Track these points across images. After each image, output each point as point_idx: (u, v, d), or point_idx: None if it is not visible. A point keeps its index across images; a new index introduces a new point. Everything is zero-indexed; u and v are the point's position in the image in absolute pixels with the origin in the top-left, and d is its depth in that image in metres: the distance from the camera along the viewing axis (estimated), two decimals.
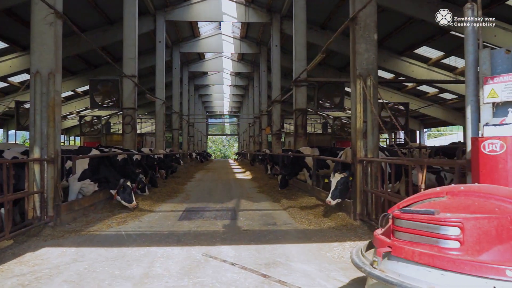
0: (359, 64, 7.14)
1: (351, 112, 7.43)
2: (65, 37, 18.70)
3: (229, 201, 10.51)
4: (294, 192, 11.58)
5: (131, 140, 12.89)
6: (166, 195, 11.36)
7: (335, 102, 13.71)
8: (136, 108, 13.07)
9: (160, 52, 19.71)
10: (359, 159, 6.89)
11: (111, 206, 9.09)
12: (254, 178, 17.93)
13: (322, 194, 9.37)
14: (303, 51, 13.33)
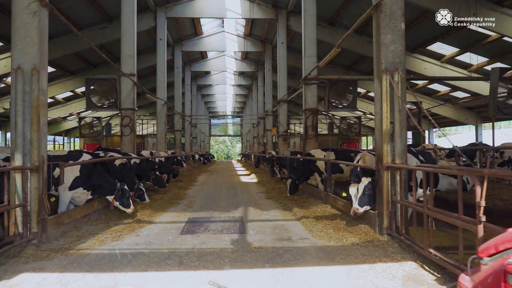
0: (384, 57, 6.29)
1: (375, 111, 6.58)
2: (62, 35, 18.07)
3: (236, 209, 9.67)
4: (305, 198, 10.73)
5: (130, 143, 12.07)
6: (168, 202, 10.52)
7: (348, 102, 12.85)
8: (135, 108, 12.26)
9: (161, 50, 18.88)
10: (386, 165, 6.02)
11: (106, 216, 8.27)
12: (260, 181, 17.09)
13: (338, 202, 8.52)
14: (313, 46, 12.48)
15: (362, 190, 6.47)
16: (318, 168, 11.27)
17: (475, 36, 15.60)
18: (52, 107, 29.53)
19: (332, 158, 8.77)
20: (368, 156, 7.74)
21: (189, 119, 31.75)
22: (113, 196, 8.15)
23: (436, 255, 4.47)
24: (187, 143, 31.39)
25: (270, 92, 25.83)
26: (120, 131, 12.20)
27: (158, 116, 18.56)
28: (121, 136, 12.13)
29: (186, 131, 31.42)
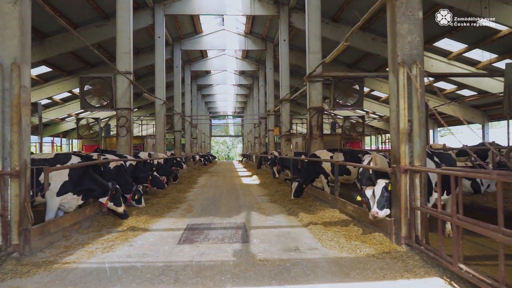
0: (400, 49, 5.71)
1: (390, 109, 6.00)
2: (57, 33, 17.54)
3: (238, 214, 9.10)
4: (311, 202, 10.16)
5: (126, 144, 11.50)
6: (166, 206, 9.96)
7: (354, 100, 12.27)
8: (131, 108, 11.69)
9: (160, 48, 18.32)
10: (404, 168, 5.44)
11: (99, 224, 7.71)
12: (263, 183, 16.52)
13: (348, 206, 7.95)
14: (318, 42, 11.90)
15: (379, 192, 5.91)
16: (324, 170, 10.71)
17: (485, 31, 15.03)
18: (50, 108, 29.06)
19: (340, 159, 8.21)
20: (379, 157, 7.17)
21: (189, 119, 31.17)
22: (107, 197, 7.62)
23: (469, 272, 3.89)
24: (187, 144, 30.84)
25: (272, 92, 25.26)
26: (116, 132, 11.64)
27: (157, 116, 18.00)
28: (117, 137, 11.57)
29: (186, 132, 30.88)
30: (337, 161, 8.20)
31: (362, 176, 7.25)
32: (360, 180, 7.36)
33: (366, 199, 6.25)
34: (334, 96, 12.13)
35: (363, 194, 6.33)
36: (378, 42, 18.32)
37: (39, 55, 17.50)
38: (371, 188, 6.33)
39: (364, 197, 6.30)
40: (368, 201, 6.21)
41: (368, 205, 6.21)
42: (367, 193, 6.28)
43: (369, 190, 6.31)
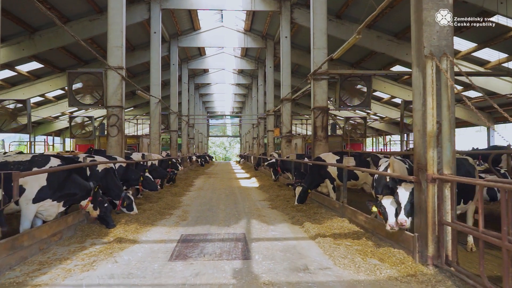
0: (427, 39, 4.96)
1: (414, 108, 5.25)
2: (47, 27, 16.67)
3: (237, 222, 8.33)
4: (315, 209, 9.40)
5: (117, 145, 10.71)
6: (158, 213, 9.17)
7: (361, 99, 11.53)
8: (123, 106, 10.90)
9: (156, 44, 17.51)
10: (433, 177, 4.69)
11: (83, 233, 6.93)
12: (262, 186, 15.75)
13: (358, 216, 7.20)
14: (323, 37, 11.14)
15: (406, 198, 5.17)
16: (329, 174, 9.96)
17: (496, 29, 14.32)
18: (42, 106, 28.20)
19: (352, 164, 7.45)
20: (398, 163, 6.43)
21: (186, 119, 30.36)
22: (88, 199, 6.87)
23: None
24: (183, 144, 30.04)
25: (272, 91, 24.49)
26: (106, 131, 10.85)
27: (151, 115, 17.19)
28: (107, 137, 10.78)
29: (183, 132, 30.09)
30: (347, 166, 7.44)
31: (378, 184, 6.50)
32: (375, 188, 6.61)
33: (383, 210, 5.50)
34: (339, 95, 11.38)
35: (380, 205, 5.59)
36: (383, 40, 17.60)
37: (28, 50, 16.67)
38: (389, 198, 5.59)
39: (381, 208, 5.56)
40: (385, 211, 5.46)
41: (385, 216, 5.47)
42: (385, 203, 5.55)
43: (386, 200, 5.57)
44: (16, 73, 20.14)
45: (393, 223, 5.24)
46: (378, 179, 6.61)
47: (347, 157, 7.48)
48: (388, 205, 5.47)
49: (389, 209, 5.39)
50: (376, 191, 6.62)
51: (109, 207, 7.42)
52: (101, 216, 7.22)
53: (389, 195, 5.68)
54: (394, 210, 5.33)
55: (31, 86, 22.25)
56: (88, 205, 6.88)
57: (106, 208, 7.29)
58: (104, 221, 7.24)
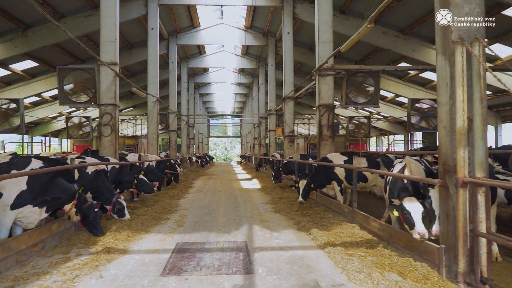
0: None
1: (439, 101, 4.62)
2: (41, 23, 16.06)
3: (238, 228, 7.70)
4: (322, 213, 8.79)
5: (110, 145, 10.09)
6: (154, 218, 8.55)
7: (368, 96, 10.90)
8: (117, 104, 10.27)
9: (153, 41, 16.88)
10: (464, 180, 4.06)
11: (69, 242, 6.33)
12: (264, 188, 15.11)
13: (371, 222, 6.56)
14: (329, 30, 10.51)
15: (436, 205, 4.56)
16: (337, 176, 9.33)
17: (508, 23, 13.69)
18: (39, 106, 27.66)
19: (363, 165, 6.81)
20: (414, 163, 5.81)
21: (186, 118, 29.73)
22: (73, 202, 6.26)
23: None
24: (183, 144, 29.42)
25: (273, 90, 23.86)
26: (99, 131, 10.23)
27: (149, 114, 16.55)
28: (99, 137, 10.16)
29: (182, 132, 29.47)
30: (359, 167, 6.80)
31: (394, 187, 5.86)
32: (390, 191, 5.98)
33: (407, 215, 4.87)
34: (346, 92, 10.76)
35: (402, 209, 4.95)
36: (390, 36, 16.96)
37: (21, 47, 16.06)
38: (412, 201, 4.96)
39: (404, 213, 4.92)
40: (411, 217, 4.83)
41: (410, 223, 4.84)
42: (409, 208, 4.91)
43: (411, 204, 4.93)
44: (10, 72, 19.57)
45: (423, 231, 4.60)
46: (393, 181, 5.97)
47: (358, 158, 6.84)
48: (414, 210, 4.84)
49: (415, 214, 4.76)
50: (391, 195, 5.98)
51: (99, 212, 6.80)
52: (90, 222, 6.60)
53: (411, 198, 5.05)
54: (421, 215, 4.70)
55: (26, 85, 21.67)
56: (72, 210, 6.26)
57: (96, 214, 6.68)
58: (92, 228, 6.61)
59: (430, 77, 22.00)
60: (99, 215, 6.78)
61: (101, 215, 6.97)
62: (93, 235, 6.59)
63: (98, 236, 6.57)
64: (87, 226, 6.63)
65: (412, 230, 4.79)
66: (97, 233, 6.57)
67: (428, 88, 23.13)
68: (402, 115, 29.20)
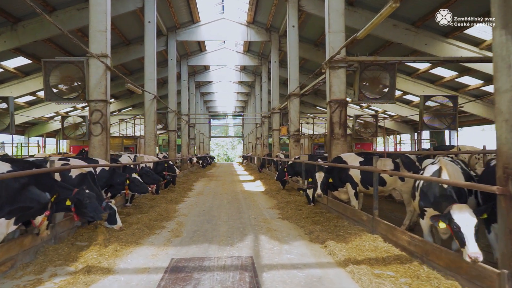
0: None
1: (497, 88, 3.68)
2: (31, 17, 15.14)
3: (242, 239, 6.77)
4: (335, 220, 7.86)
5: (101, 146, 9.15)
6: (147, 226, 7.61)
7: (383, 91, 9.96)
8: (108, 100, 9.34)
9: (150, 35, 15.94)
10: None
11: (46, 258, 5.42)
12: (268, 190, 14.18)
13: (399, 234, 5.62)
14: (341, 18, 9.56)
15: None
16: (351, 178, 8.38)
17: None
18: (35, 106, 26.78)
19: (389, 167, 5.83)
20: (451, 166, 4.88)
21: (186, 118, 28.81)
22: (45, 214, 5.33)
23: None
24: (183, 145, 28.49)
25: (277, 88, 22.90)
26: (88, 129, 9.30)
27: (146, 113, 15.63)
28: (88, 136, 9.24)
29: (182, 132, 28.54)
30: (384, 169, 5.84)
31: (427, 193, 4.91)
32: (422, 198, 5.03)
33: (456, 229, 3.91)
34: (359, 86, 9.81)
35: (451, 220, 3.99)
36: (401, 29, 16.03)
37: (10, 41, 15.16)
38: (460, 210, 4.00)
39: (453, 226, 3.96)
40: (461, 232, 3.87)
41: (461, 240, 3.87)
42: (459, 220, 3.94)
43: (460, 214, 3.97)
44: (2, 69, 18.70)
45: (477, 254, 3.63)
46: (426, 187, 5.02)
47: (383, 159, 5.88)
48: (465, 222, 3.88)
49: (467, 229, 3.80)
50: (423, 202, 5.04)
51: (91, 194, 6.03)
52: (86, 206, 5.83)
53: (460, 205, 4.08)
54: (473, 230, 3.76)
55: (20, 83, 20.80)
56: (44, 222, 5.33)
57: (90, 195, 5.96)
58: (91, 212, 5.86)
59: (440, 73, 21.04)
60: (92, 196, 6.00)
61: (95, 196, 6.17)
62: (95, 219, 5.97)
63: (101, 218, 5.96)
64: (84, 214, 5.89)
65: (462, 249, 3.84)
66: (99, 214, 5.88)
67: (438, 85, 22.18)
68: (409, 114, 28.27)
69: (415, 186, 5.46)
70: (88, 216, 5.98)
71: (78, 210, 5.89)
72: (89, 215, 5.94)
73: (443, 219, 4.04)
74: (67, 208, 5.84)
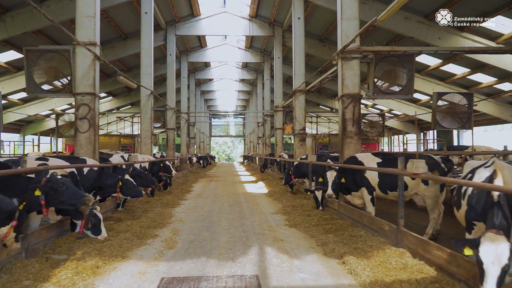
0: None
1: None
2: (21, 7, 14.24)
3: (245, 251, 5.86)
4: (350, 229, 6.96)
5: (88, 144, 8.24)
6: (137, 236, 6.69)
7: (401, 84, 9.05)
8: (96, 93, 8.43)
9: (147, 27, 15.01)
10: None
11: (11, 277, 4.55)
12: (272, 193, 13.26)
13: (433, 251, 4.69)
14: (355, 4, 8.62)
15: None
16: (367, 182, 7.47)
17: None
18: (29, 103, 25.91)
19: (422, 170, 4.86)
20: (508, 170, 3.94)
21: (186, 116, 27.90)
22: (11, 224, 4.45)
23: None
24: (183, 144, 27.58)
25: (280, 85, 21.98)
26: (74, 126, 8.39)
27: (142, 109, 14.70)
28: (75, 133, 8.32)
29: (182, 131, 27.63)
30: (416, 173, 4.87)
31: (477, 204, 3.98)
32: (469, 210, 4.10)
33: (479, 264, 3.02)
34: (374, 79, 8.90)
35: (477, 248, 3.09)
36: (413, 22, 15.11)
37: None
38: (495, 239, 3.09)
39: (476, 257, 3.06)
40: (481, 268, 2.98)
41: (481, 275, 2.98)
42: (484, 252, 3.06)
43: (490, 246, 3.08)
44: None
45: None
46: (475, 194, 4.09)
47: (415, 161, 4.91)
48: (491, 260, 3.05)
49: (490, 268, 3.00)
50: (470, 215, 4.11)
51: (67, 180, 5.32)
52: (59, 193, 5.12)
53: (497, 236, 3.18)
54: (498, 271, 2.91)
55: (11, 79, 19.92)
56: (10, 234, 4.44)
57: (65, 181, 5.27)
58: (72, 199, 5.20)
59: (452, 70, 20.12)
60: (67, 181, 5.32)
61: (70, 180, 5.47)
62: (77, 206, 5.28)
63: (84, 203, 5.26)
64: (63, 203, 5.24)
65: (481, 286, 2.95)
66: (81, 199, 5.24)
67: (449, 82, 21.27)
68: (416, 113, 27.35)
69: (461, 193, 4.52)
70: (68, 205, 5.26)
71: (54, 200, 5.15)
72: (68, 203, 5.23)
73: (470, 245, 3.18)
74: (39, 205, 5.01)
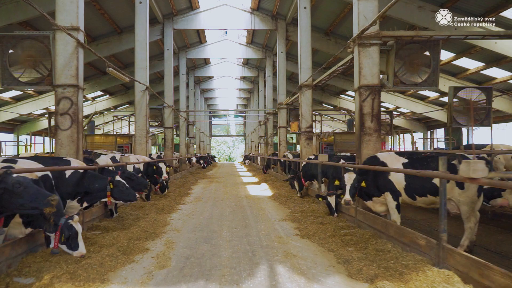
0: None
1: None
2: None
3: (252, 271, 4.84)
4: (373, 241, 5.93)
5: (70, 143, 7.21)
6: (123, 251, 5.63)
7: (424, 75, 8.01)
8: (80, 85, 7.39)
9: (142, 18, 13.93)
10: None
11: None
12: (277, 196, 12.23)
13: (493, 275, 3.64)
14: None
15: None
16: (392, 186, 6.43)
17: None
18: (22, 102, 24.93)
19: (481, 174, 3.75)
20: None
21: (185, 115, 26.86)
22: None
23: None
24: (182, 143, 26.55)
25: (283, 81, 20.93)
26: (55, 122, 7.35)
27: (136, 106, 13.65)
28: (55, 130, 7.28)
29: (181, 130, 26.60)
30: (472, 177, 3.81)
31: None
32: None
33: None
34: (394, 69, 7.86)
35: None
36: (427, 12, 14.06)
37: None
38: None
39: None
40: None
41: None
42: None
43: None
44: None
45: None
46: None
47: (472, 161, 3.87)
48: None
49: None
50: None
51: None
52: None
53: None
54: None
55: None
56: None
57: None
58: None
59: (464, 65, 19.09)
60: (27, 181, 4.44)
61: (30, 180, 4.55)
62: (40, 209, 4.38)
63: (50, 204, 4.36)
64: (22, 207, 4.37)
65: None
66: (44, 200, 4.36)
67: (461, 78, 20.24)
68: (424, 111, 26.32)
69: None
70: (29, 208, 4.34)
71: (11, 205, 4.28)
72: (30, 207, 4.32)
73: None
74: None
